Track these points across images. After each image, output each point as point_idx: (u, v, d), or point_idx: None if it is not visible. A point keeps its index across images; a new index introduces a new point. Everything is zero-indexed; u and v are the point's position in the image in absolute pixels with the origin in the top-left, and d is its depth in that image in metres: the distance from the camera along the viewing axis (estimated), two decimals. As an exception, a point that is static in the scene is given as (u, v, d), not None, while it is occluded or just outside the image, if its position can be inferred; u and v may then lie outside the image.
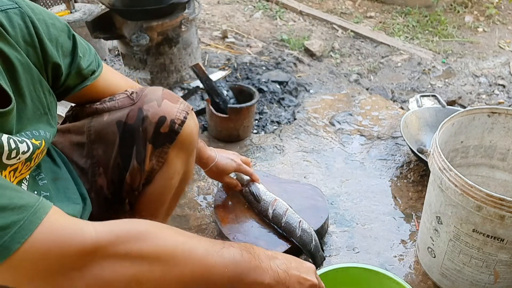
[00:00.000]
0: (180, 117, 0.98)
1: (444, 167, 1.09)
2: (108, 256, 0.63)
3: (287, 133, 1.94)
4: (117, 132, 0.97)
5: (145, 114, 0.96)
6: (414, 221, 1.51)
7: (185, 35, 2.06)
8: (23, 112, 0.78)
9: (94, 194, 1.03)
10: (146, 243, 0.66)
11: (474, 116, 1.29)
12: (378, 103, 2.17)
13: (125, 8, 1.91)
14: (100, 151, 1.00)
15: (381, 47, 2.89)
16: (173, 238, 0.70)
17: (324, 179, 1.69)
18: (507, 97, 2.42)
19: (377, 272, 1.04)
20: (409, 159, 1.78)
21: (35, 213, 0.60)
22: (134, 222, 0.70)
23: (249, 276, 0.75)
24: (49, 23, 0.84)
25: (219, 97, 1.84)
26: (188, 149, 1.05)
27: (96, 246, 0.62)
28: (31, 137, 0.79)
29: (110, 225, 0.67)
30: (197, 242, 0.72)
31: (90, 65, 0.94)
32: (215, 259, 0.71)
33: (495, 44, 2.98)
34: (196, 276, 0.70)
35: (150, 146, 0.97)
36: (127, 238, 0.65)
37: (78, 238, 0.62)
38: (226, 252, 0.73)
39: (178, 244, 0.69)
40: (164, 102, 0.98)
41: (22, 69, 0.77)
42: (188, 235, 0.73)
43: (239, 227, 1.37)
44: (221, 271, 0.72)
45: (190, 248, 0.70)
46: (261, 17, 3.24)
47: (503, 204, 0.98)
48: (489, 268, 1.12)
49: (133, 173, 1.00)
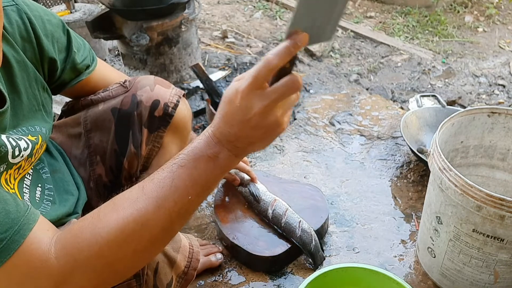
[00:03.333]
0: (173, 100, 1.01)
1: (444, 167, 1.09)
2: (81, 278, 0.63)
3: (287, 133, 1.94)
4: (112, 119, 1.00)
5: (139, 99, 0.99)
6: (414, 221, 1.51)
7: (185, 35, 2.06)
8: (19, 109, 0.80)
9: (94, 183, 1.05)
10: (94, 237, 0.63)
11: (474, 116, 1.29)
12: (378, 103, 2.17)
13: (125, 8, 1.92)
14: (97, 139, 1.02)
15: (381, 47, 2.89)
16: (119, 216, 0.64)
17: (324, 179, 1.69)
18: (507, 97, 2.42)
19: (377, 272, 1.04)
20: (409, 159, 1.78)
21: (18, 232, 0.60)
22: (75, 224, 0.67)
23: (208, 171, 0.66)
24: (45, 19, 0.86)
25: (219, 97, 1.84)
26: (183, 133, 1.07)
27: (63, 277, 0.62)
28: (27, 133, 0.81)
29: (64, 244, 0.64)
30: (144, 203, 0.64)
31: (85, 60, 0.96)
32: (170, 200, 0.64)
33: (495, 44, 2.98)
34: (167, 224, 0.66)
35: (146, 130, 1.00)
36: (76, 246, 0.63)
37: (45, 274, 0.61)
38: (177, 182, 0.65)
39: (126, 216, 0.63)
40: (157, 87, 1.01)
41: (18, 67, 0.79)
42: (132, 199, 0.65)
43: (239, 227, 1.37)
44: (185, 199, 0.65)
45: (141, 211, 0.64)
46: (261, 17, 3.24)
47: (503, 204, 0.98)
48: (489, 268, 1.12)
49: (131, 158, 1.01)
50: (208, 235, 1.45)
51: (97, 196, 1.05)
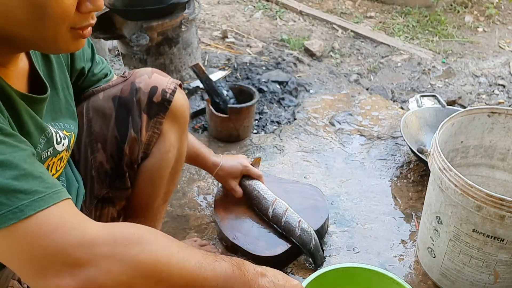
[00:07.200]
0: (170, 87, 1.05)
1: (444, 167, 1.09)
2: (104, 257, 0.63)
3: (287, 133, 1.94)
4: (113, 106, 1.04)
5: (137, 86, 1.03)
6: (414, 221, 1.51)
7: (185, 35, 2.06)
8: (57, 105, 0.88)
9: (95, 171, 1.07)
10: (143, 249, 0.66)
11: (474, 116, 1.29)
12: (378, 103, 2.17)
13: (125, 8, 1.92)
14: (97, 127, 1.05)
15: (381, 47, 2.89)
16: (169, 247, 0.70)
17: (324, 179, 1.69)
18: (507, 97, 2.42)
19: (377, 272, 1.04)
20: (409, 159, 1.78)
21: (57, 193, 0.64)
22: (134, 226, 0.70)
23: None
24: None
25: (219, 97, 1.84)
26: (181, 122, 1.10)
27: (94, 243, 0.62)
28: (63, 129, 0.88)
29: (111, 226, 0.67)
30: (191, 253, 0.72)
31: (104, 69, 1.07)
32: (207, 272, 0.71)
33: (495, 44, 2.98)
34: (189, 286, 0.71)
35: (145, 116, 1.03)
36: (125, 241, 0.65)
37: (79, 231, 0.63)
38: (218, 266, 0.73)
39: (173, 254, 0.69)
40: (154, 75, 1.06)
41: (57, 65, 0.88)
42: (182, 245, 0.73)
43: (239, 227, 1.37)
44: (212, 284, 0.72)
45: (184, 259, 0.70)
46: (261, 17, 3.24)
47: (503, 204, 0.98)
48: (489, 268, 1.12)
49: (131, 143, 1.04)
50: (208, 235, 1.45)
51: (99, 184, 1.07)
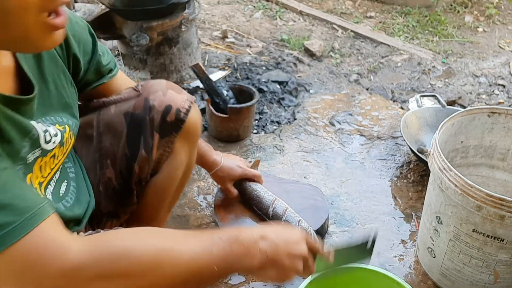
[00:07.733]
0: (185, 106, 1.01)
1: (444, 167, 1.09)
2: (91, 280, 0.62)
3: (287, 133, 1.94)
4: (124, 123, 1.00)
5: (151, 103, 0.99)
6: (414, 221, 1.51)
7: (185, 35, 2.06)
8: (47, 98, 0.83)
9: (103, 187, 1.05)
10: (130, 261, 0.65)
11: (474, 116, 1.29)
12: (378, 103, 2.17)
13: (125, 8, 1.92)
14: (108, 142, 1.02)
15: (381, 47, 2.89)
16: (158, 247, 0.69)
17: (324, 179, 1.69)
18: (507, 97, 2.42)
19: (377, 272, 1.04)
20: (409, 159, 1.78)
21: (31, 218, 0.60)
22: (116, 235, 0.69)
23: (239, 265, 0.75)
24: (73, 20, 0.89)
25: (219, 97, 1.84)
26: (193, 139, 1.08)
27: (77, 269, 0.61)
28: (55, 123, 0.83)
29: (93, 242, 0.66)
30: (183, 246, 0.71)
31: (109, 63, 1.00)
32: (204, 259, 0.71)
33: (495, 44, 2.98)
34: (187, 279, 0.70)
35: (157, 135, 1.00)
36: (110, 257, 0.64)
37: (58, 260, 0.60)
38: (215, 249, 0.72)
39: (163, 255, 0.68)
40: (169, 92, 1.01)
41: (47, 57, 0.82)
42: (174, 238, 0.72)
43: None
44: (210, 269, 0.71)
45: (176, 257, 0.69)
46: (261, 17, 3.24)
47: (503, 204, 0.98)
48: (489, 268, 1.12)
49: (141, 162, 1.01)
50: (208, 235, 1.45)
51: (106, 200, 1.05)
